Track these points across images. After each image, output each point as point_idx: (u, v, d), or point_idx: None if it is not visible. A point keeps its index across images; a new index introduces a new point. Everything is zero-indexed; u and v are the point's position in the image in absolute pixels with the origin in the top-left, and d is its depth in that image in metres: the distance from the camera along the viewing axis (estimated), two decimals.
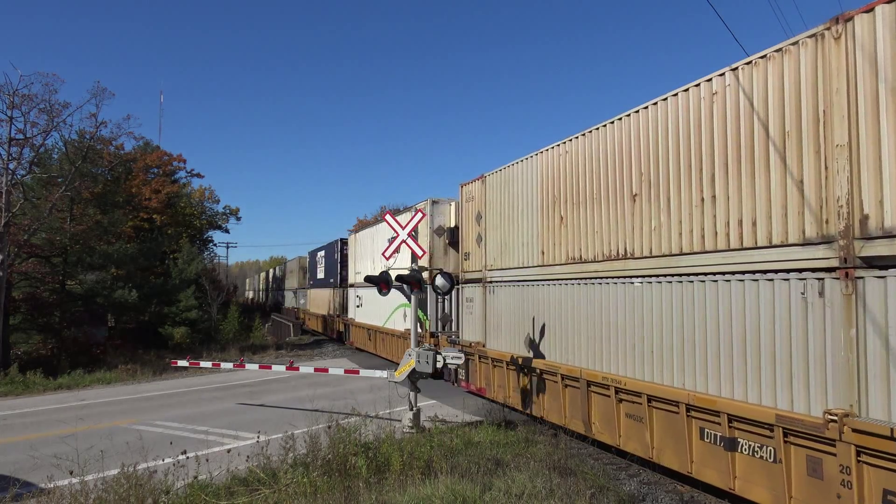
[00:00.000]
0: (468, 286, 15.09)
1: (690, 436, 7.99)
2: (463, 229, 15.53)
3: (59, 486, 7.23)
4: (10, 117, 21.84)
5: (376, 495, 7.21)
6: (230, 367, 17.27)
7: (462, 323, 15.34)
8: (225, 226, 52.18)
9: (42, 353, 26.02)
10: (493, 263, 13.83)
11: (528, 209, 12.36)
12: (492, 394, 13.64)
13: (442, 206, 18.16)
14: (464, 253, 15.46)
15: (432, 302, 17.66)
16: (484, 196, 14.32)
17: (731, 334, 7.44)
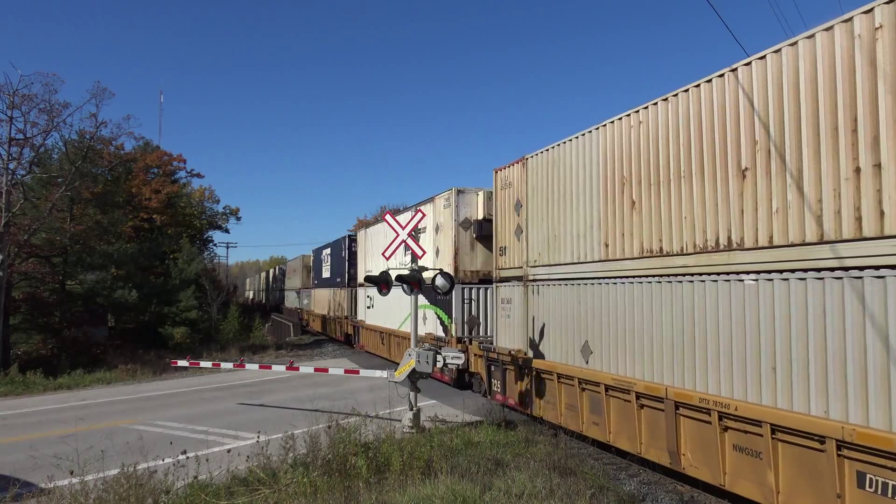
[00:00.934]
0: (504, 285, 13.14)
1: (842, 481, 6.11)
2: (498, 221, 13.46)
3: (60, 486, 7.23)
4: (10, 117, 21.87)
5: (376, 495, 7.21)
6: (230, 367, 17.27)
7: (497, 327, 13.36)
8: (225, 226, 52.17)
9: (42, 353, 25.99)
10: (537, 259, 11.89)
11: (586, 194, 10.43)
12: (537, 410, 11.79)
13: (468, 196, 16.38)
14: (499, 248, 13.45)
15: (458, 303, 15.87)
16: (525, 181, 12.33)
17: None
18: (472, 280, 16.18)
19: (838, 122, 6.31)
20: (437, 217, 17.49)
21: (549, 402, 11.57)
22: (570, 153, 10.99)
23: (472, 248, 16.19)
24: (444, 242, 16.92)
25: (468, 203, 16.38)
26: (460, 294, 15.65)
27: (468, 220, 16.20)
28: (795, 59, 6.77)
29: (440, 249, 17.25)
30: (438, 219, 17.30)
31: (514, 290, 12.78)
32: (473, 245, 16.20)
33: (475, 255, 16.20)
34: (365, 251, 26.21)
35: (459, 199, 16.34)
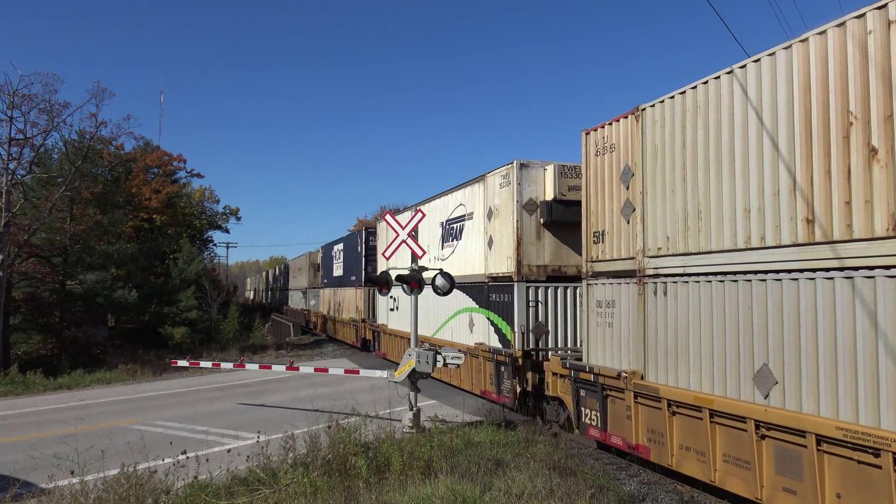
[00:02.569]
0: (602, 283, 10.04)
1: None
2: (591, 198, 10.49)
3: (60, 486, 7.23)
4: (10, 117, 21.89)
5: (376, 495, 7.22)
6: (230, 367, 17.27)
7: (588, 338, 10.31)
8: (225, 226, 52.21)
9: (42, 353, 26.03)
10: (662, 246, 8.80)
11: (763, 147, 7.32)
12: (667, 457, 8.49)
13: (533, 172, 13.03)
14: (591, 233, 10.44)
15: (521, 305, 12.70)
16: (641, 140, 9.26)
17: None
18: (539, 277, 12.97)
19: None
20: (492, 199, 14.12)
21: (688, 450, 8.16)
22: (725, 92, 7.90)
23: (539, 237, 13.03)
24: (500, 230, 13.65)
25: (533, 180, 13.00)
26: (524, 294, 12.75)
27: (533, 202, 12.99)
28: None
29: (495, 239, 13.97)
30: (493, 201, 14.02)
31: (619, 290, 9.61)
32: (540, 233, 13.04)
33: (542, 245, 13.09)
34: (387, 244, 24.31)
35: (523, 176, 12.97)
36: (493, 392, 13.68)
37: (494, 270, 13.84)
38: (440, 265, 16.07)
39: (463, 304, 15.59)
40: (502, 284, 13.37)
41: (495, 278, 13.77)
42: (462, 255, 15.86)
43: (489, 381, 13.94)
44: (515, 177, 12.99)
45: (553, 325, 13.04)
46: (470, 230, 15.36)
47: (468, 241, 15.17)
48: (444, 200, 17.19)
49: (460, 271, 15.19)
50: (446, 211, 16.97)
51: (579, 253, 11.45)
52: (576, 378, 10.52)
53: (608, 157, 10.19)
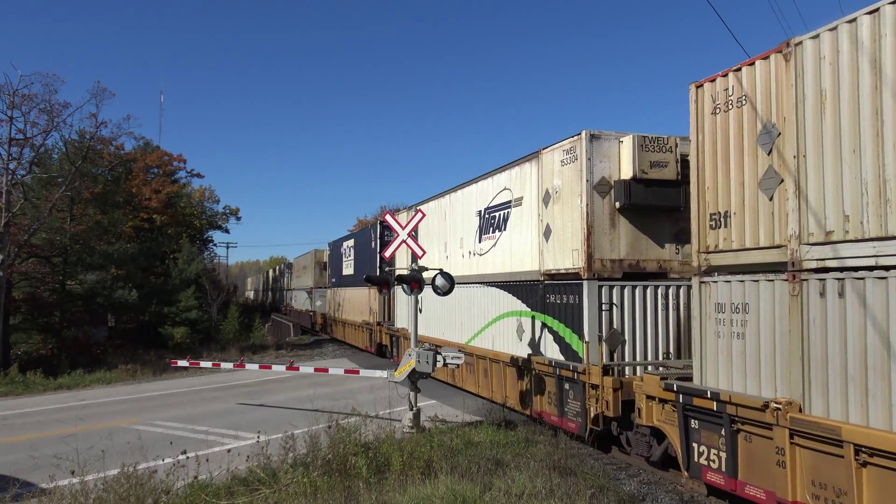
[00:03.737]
0: (722, 281, 7.78)
1: None
2: (705, 170, 8.18)
3: (60, 486, 7.24)
4: (10, 117, 21.89)
5: (376, 495, 7.22)
6: (230, 367, 17.27)
7: (706, 352, 7.99)
8: (225, 226, 52.18)
9: (42, 353, 26.03)
10: (834, 229, 6.51)
11: None
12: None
13: (605, 146, 10.74)
14: (707, 216, 8.14)
15: (592, 309, 10.35)
16: (795, 87, 6.96)
17: None
18: (613, 273, 10.64)
19: None
20: (549, 180, 11.73)
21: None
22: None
23: (613, 225, 10.76)
24: (562, 217, 11.31)
25: (606, 155, 10.75)
26: (596, 295, 10.36)
27: (606, 182, 10.70)
28: None
29: (554, 228, 11.52)
30: (551, 182, 11.66)
31: (754, 290, 7.34)
32: (614, 220, 10.77)
33: (616, 235, 10.77)
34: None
35: (593, 150, 10.67)
36: (554, 414, 11.31)
37: (553, 266, 11.46)
38: (477, 261, 14.67)
39: (508, 307, 13.25)
40: (566, 283, 11.04)
41: (554, 275, 11.43)
42: (507, 249, 13.43)
43: (547, 401, 11.62)
44: (584, 151, 10.60)
45: (630, 334, 10.53)
46: (518, 219, 12.96)
47: (515, 231, 12.94)
48: (481, 186, 14.91)
49: (504, 267, 13.42)
50: (485, 197, 14.60)
51: (660, 244, 10.61)
52: (686, 405, 8.00)
53: (735, 115, 7.79)
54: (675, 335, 10.61)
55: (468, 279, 15.01)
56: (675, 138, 10.50)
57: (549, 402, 11.59)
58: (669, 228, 10.90)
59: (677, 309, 10.63)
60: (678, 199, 10.45)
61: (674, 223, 10.87)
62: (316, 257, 38.79)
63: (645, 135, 10.52)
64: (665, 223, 10.78)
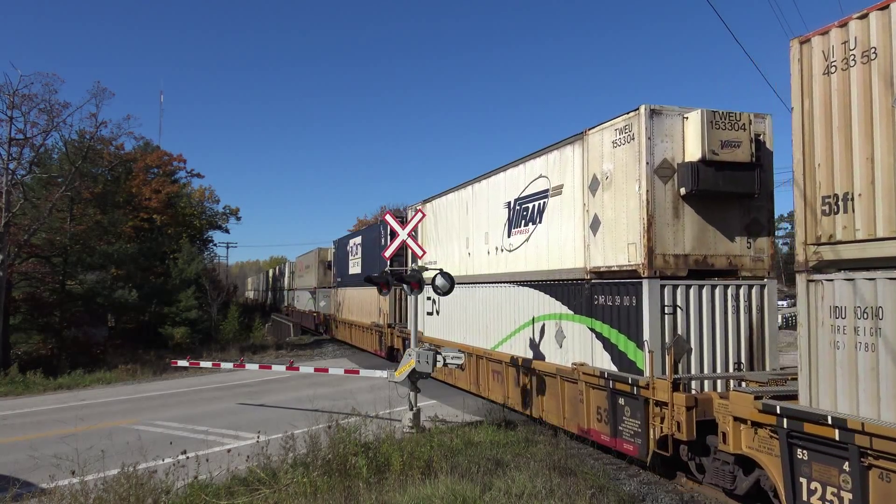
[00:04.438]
0: (840, 279, 6.44)
1: None
2: (814, 143, 6.79)
3: (60, 486, 7.24)
4: (10, 117, 21.90)
5: (376, 495, 7.22)
6: (230, 367, 17.27)
7: (815, 368, 6.61)
8: (225, 226, 52.29)
9: (42, 353, 26.04)
10: None
11: None
12: None
13: (668, 123, 9.37)
14: (819, 199, 6.77)
15: (652, 313, 8.99)
16: None
17: None
18: (678, 271, 9.30)
19: None
20: (597, 164, 10.30)
21: None
22: None
23: (677, 215, 9.36)
24: (615, 206, 9.90)
25: (668, 134, 9.38)
26: (658, 296, 9.03)
27: (668, 165, 9.35)
28: None
29: (603, 219, 10.11)
30: (601, 166, 10.18)
31: (891, 290, 5.97)
32: (678, 209, 9.37)
33: (680, 226, 9.38)
34: (428, 235, 18.61)
35: (654, 127, 9.27)
36: (605, 433, 9.79)
37: (603, 263, 10.06)
38: (505, 258, 13.32)
39: (544, 310, 11.77)
40: (619, 283, 9.64)
41: (604, 273, 10.05)
42: (543, 244, 11.94)
43: (595, 418, 10.16)
44: (644, 129, 9.20)
45: (696, 341, 9.18)
46: (557, 209, 11.52)
47: (554, 223, 11.54)
48: (511, 174, 13.35)
49: (540, 265, 12.02)
50: (515, 187, 13.10)
51: (730, 237, 9.44)
52: (792, 431, 6.66)
53: (859, 74, 6.33)
54: (746, 343, 9.32)
55: (495, 278, 13.82)
56: (748, 114, 9.27)
57: (598, 419, 10.06)
58: (740, 219, 9.60)
59: (749, 312, 9.36)
60: (752, 184, 9.21)
61: (745, 213, 9.61)
62: (320, 256, 37.61)
63: (714, 110, 9.17)
64: (735, 213, 9.54)
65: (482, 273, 13.33)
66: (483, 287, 12.80)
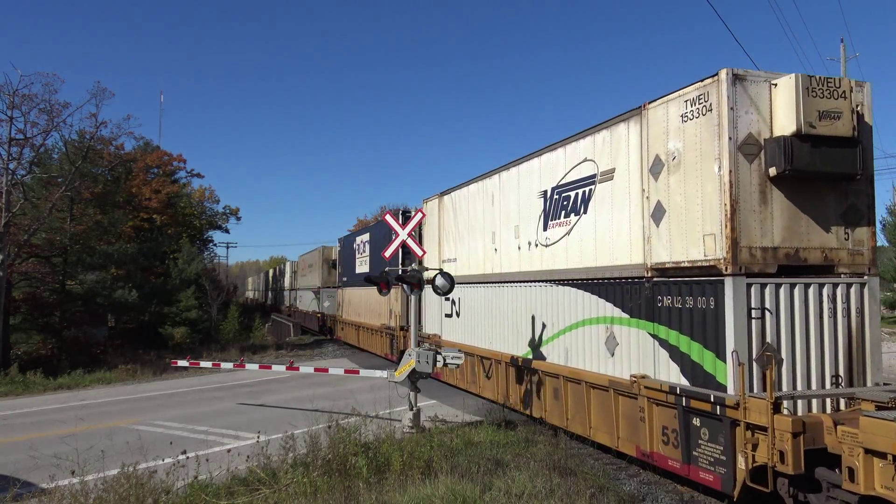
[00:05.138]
0: None
1: None
2: None
3: (60, 486, 7.23)
4: (11, 117, 21.91)
5: (376, 495, 7.22)
6: (230, 367, 17.27)
7: None
8: (225, 226, 52.33)
9: (42, 353, 26.02)
10: None
11: None
12: None
13: (754, 91, 7.97)
14: None
15: (738, 316, 7.61)
16: None
17: None
18: (766, 267, 7.90)
19: None
20: (661, 142, 8.87)
21: None
22: None
23: (764, 201, 7.94)
24: (685, 191, 8.46)
25: (753, 104, 7.96)
26: (743, 297, 7.65)
27: (754, 141, 7.94)
28: None
29: (670, 206, 8.68)
30: (667, 145, 8.76)
31: None
32: (765, 192, 7.97)
33: (768, 213, 7.98)
34: (443, 230, 17.38)
35: (737, 96, 7.86)
36: (675, 459, 8.36)
37: (669, 258, 8.63)
38: (540, 254, 11.93)
39: (590, 312, 10.36)
40: (691, 281, 8.25)
41: (669, 270, 8.64)
42: (589, 237, 10.54)
43: (661, 440, 8.68)
44: (725, 97, 7.80)
45: (787, 351, 7.82)
46: (607, 197, 10.12)
47: (603, 213, 10.15)
48: (548, 159, 11.90)
49: (584, 261, 10.62)
50: (553, 174, 11.71)
51: (825, 227, 8.14)
52: None
53: None
54: (845, 352, 8.02)
55: (527, 276, 12.46)
56: (848, 80, 7.98)
57: (663, 442, 8.64)
58: (835, 205, 8.24)
59: (847, 315, 8.05)
60: (854, 163, 7.89)
61: (841, 198, 8.25)
62: (324, 255, 36.45)
63: (810, 74, 7.85)
64: (831, 198, 8.18)
65: (511, 271, 12.33)
66: (513, 287, 11.83)
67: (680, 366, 8.42)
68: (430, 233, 18.24)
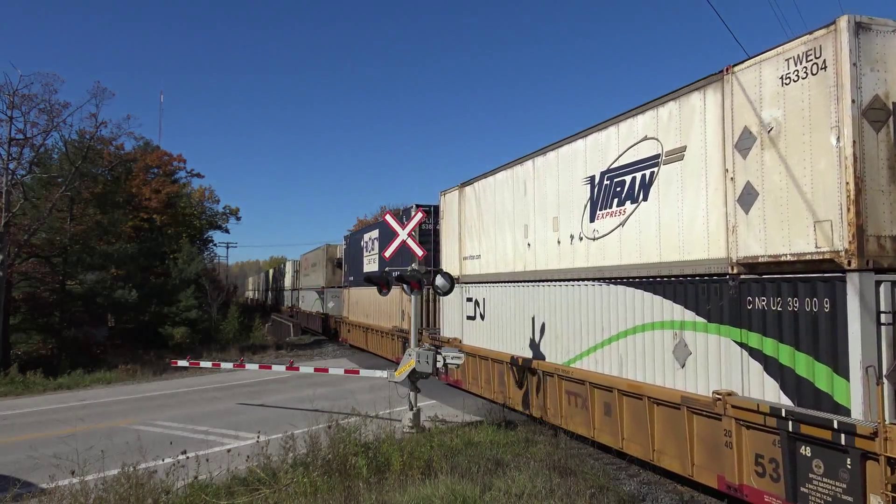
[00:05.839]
0: None
1: None
2: None
3: (60, 486, 7.23)
4: (10, 117, 21.95)
5: (376, 495, 7.21)
6: (230, 367, 17.28)
7: None
8: (225, 226, 52.33)
9: (42, 353, 26.04)
10: None
11: None
12: None
13: (881, 45, 6.49)
14: None
15: (865, 322, 6.17)
16: None
17: None
18: None
19: None
20: (748, 113, 7.59)
21: None
22: None
23: (894, 179, 6.55)
24: (784, 170, 7.17)
25: (880, 60, 6.51)
26: (872, 298, 6.26)
27: (881, 106, 6.54)
28: None
29: (763, 189, 7.35)
30: (758, 115, 7.44)
31: None
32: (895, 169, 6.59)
33: None
34: (464, 224, 15.73)
35: (861, 50, 6.42)
36: (771, 493, 7.09)
37: (763, 250, 7.27)
38: (586, 248, 10.47)
39: (653, 315, 8.92)
40: (797, 278, 6.91)
41: (762, 266, 7.29)
42: (650, 227, 9.09)
43: (754, 470, 7.33)
44: (846, 51, 6.37)
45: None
46: (675, 180, 8.66)
47: (670, 199, 8.72)
48: (596, 140, 10.44)
49: (646, 255, 9.13)
50: (603, 156, 10.25)
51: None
52: None
53: None
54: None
55: (569, 274, 11.00)
56: None
57: (757, 473, 7.39)
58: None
59: None
60: None
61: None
62: (328, 253, 35.07)
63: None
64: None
65: (549, 268, 11.20)
66: (551, 286, 10.75)
67: (779, 381, 7.04)
68: (449, 228, 16.57)
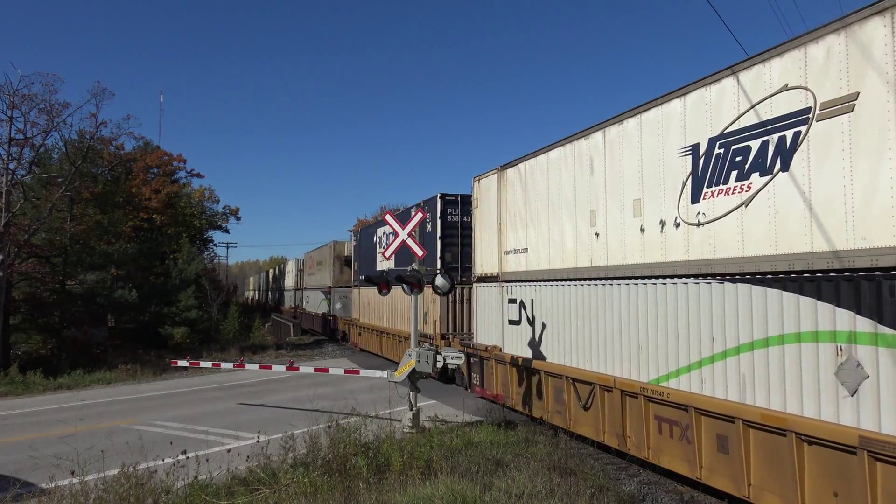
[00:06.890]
0: None
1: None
2: None
3: (60, 486, 7.23)
4: (10, 117, 21.91)
5: (376, 495, 7.21)
6: (230, 367, 17.27)
7: None
8: (225, 226, 52.27)
9: (42, 353, 26.02)
10: None
11: None
12: None
13: None
14: None
15: None
16: None
17: None
18: None
19: None
20: (875, 75, 5.96)
21: None
22: None
23: None
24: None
25: None
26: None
27: None
28: None
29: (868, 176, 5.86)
30: (883, 76, 5.86)
31: None
32: None
33: None
34: (505, 213, 13.25)
35: None
36: None
37: None
38: (685, 237, 8.23)
39: (800, 323, 6.58)
40: None
41: None
42: (793, 206, 6.76)
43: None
44: None
45: None
46: (836, 141, 6.31)
47: (829, 167, 6.37)
48: (699, 98, 8.13)
49: (783, 244, 6.84)
50: (713, 118, 7.90)
51: None
52: None
53: None
54: None
55: (658, 270, 8.69)
56: None
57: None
58: None
59: None
60: None
61: None
62: (335, 251, 32.46)
63: None
64: None
65: (627, 262, 9.13)
66: (630, 284, 8.85)
67: None
68: (485, 218, 13.99)
